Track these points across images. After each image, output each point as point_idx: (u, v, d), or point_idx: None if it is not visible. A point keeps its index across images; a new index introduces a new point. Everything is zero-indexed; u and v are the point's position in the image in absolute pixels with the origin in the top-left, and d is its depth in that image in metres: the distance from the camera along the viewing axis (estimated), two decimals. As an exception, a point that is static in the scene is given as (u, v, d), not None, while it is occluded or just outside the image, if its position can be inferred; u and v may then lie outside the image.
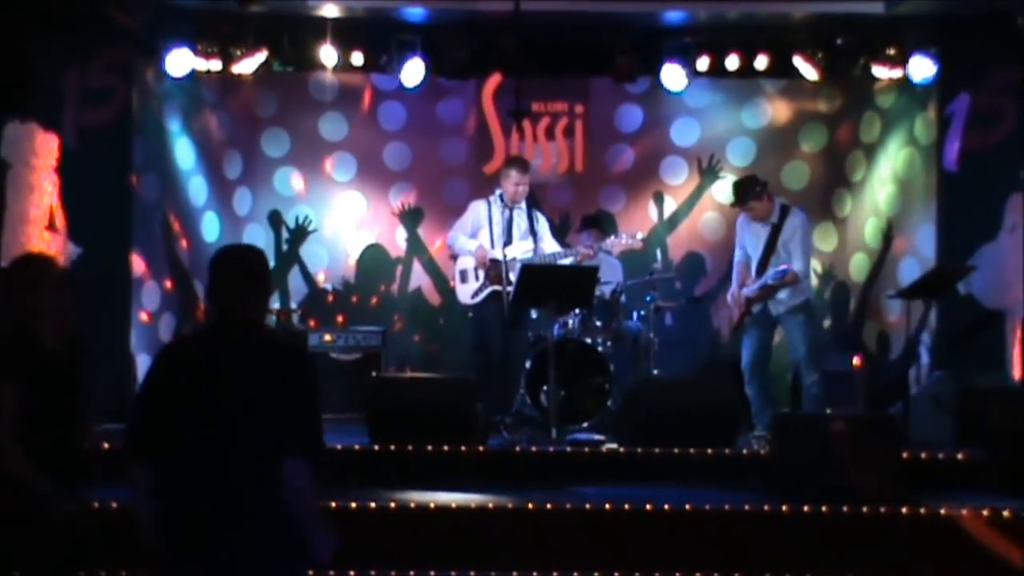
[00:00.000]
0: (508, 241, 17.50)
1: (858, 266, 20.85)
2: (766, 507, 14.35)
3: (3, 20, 14.93)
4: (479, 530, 14.06)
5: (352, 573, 13.30)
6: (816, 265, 19.47)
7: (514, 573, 13.59)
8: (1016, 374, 17.90)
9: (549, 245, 17.82)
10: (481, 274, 17.66)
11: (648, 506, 14.24)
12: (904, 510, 14.27)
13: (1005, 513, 14.14)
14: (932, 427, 17.12)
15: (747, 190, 17.38)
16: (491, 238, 17.63)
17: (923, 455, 16.08)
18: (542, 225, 18.02)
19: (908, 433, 16.65)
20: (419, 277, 20.57)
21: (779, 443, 15.45)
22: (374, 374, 17.88)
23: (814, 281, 18.35)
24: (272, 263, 19.18)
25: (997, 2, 17.33)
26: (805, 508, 14.23)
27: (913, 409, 17.47)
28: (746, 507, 14.36)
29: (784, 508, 14.31)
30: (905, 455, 15.59)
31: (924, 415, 17.39)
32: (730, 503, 14.43)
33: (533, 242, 17.71)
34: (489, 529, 14.09)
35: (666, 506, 14.25)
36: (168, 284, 18.75)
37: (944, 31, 18.79)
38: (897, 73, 19.49)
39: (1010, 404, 16.69)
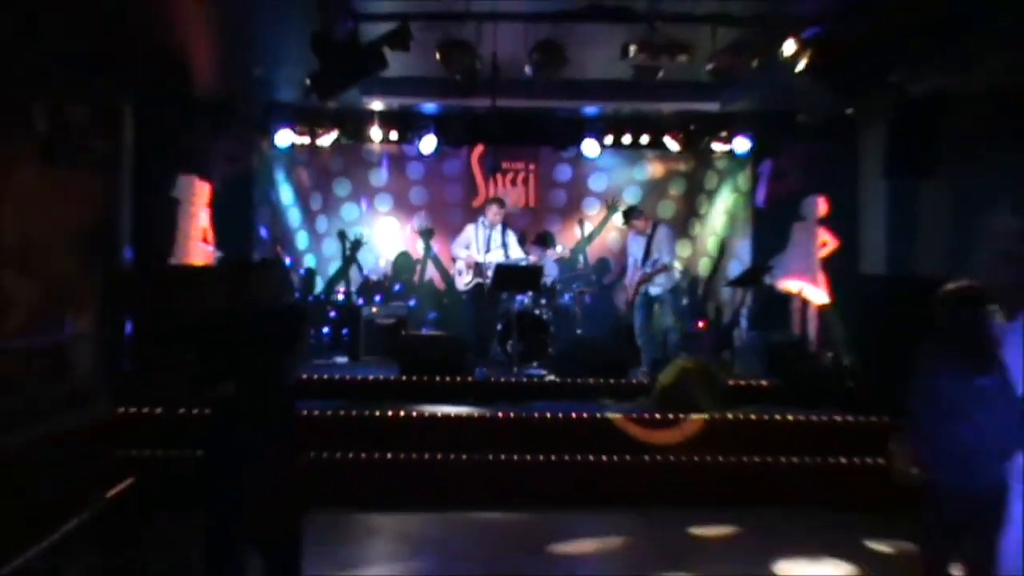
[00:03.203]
0: (488, 250, 18.11)
1: (704, 266, 21.01)
2: (646, 415, 14.50)
3: (179, 117, 15.41)
4: (468, 429, 14.31)
5: (389, 455, 13.60)
6: (678, 265, 19.03)
7: (489, 455, 13.80)
8: (796, 332, 18.48)
9: (514, 253, 18.21)
10: (471, 271, 18.28)
11: (573, 415, 14.53)
12: (730, 416, 14.57)
13: (790, 417, 14.51)
14: (748, 366, 17.33)
15: (630, 214, 18.06)
16: (477, 248, 18.19)
17: (742, 383, 16.29)
18: (510, 239, 18.33)
19: (733, 370, 17.18)
20: (431, 272, 20.68)
21: (654, 376, 15.79)
22: (402, 332, 18.06)
23: (677, 275, 18.74)
24: (339, 263, 19.74)
25: (787, 103, 17.68)
26: (670, 416, 14.43)
27: (737, 355, 18.12)
28: (634, 415, 14.49)
29: (658, 416, 14.50)
30: (732, 383, 15.93)
31: (744, 359, 17.83)
32: (625, 412, 14.64)
33: (504, 251, 18.13)
34: (474, 429, 14.32)
35: (585, 415, 14.54)
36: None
37: (756, 122, 19.06)
38: (727, 147, 19.78)
39: (794, 350, 17.36)
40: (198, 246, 16.73)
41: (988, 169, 14.80)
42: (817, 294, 17.90)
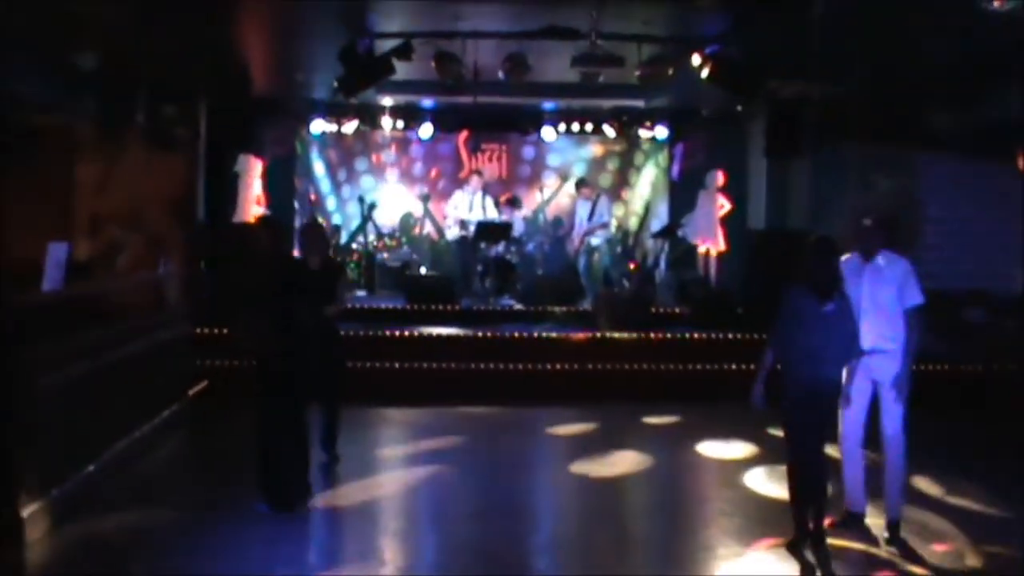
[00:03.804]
0: (470, 211, 18.16)
1: (634, 223, 20.81)
2: (595, 334, 14.84)
3: (239, 109, 15.63)
4: (456, 345, 14.51)
5: (397, 364, 13.82)
6: (615, 222, 19.47)
7: (471, 364, 14.05)
8: (701, 272, 18.65)
9: (490, 213, 18.23)
10: (458, 227, 18.37)
11: (535, 334, 14.81)
12: (652, 335, 14.82)
13: (696, 336, 14.83)
14: (666, 298, 17.44)
15: (580, 184, 18.38)
16: (463, 209, 18.32)
17: (662, 310, 16.43)
18: (488, 203, 18.37)
19: (655, 299, 16.91)
20: (428, 228, 20.40)
21: (598, 305, 16.04)
22: (407, 273, 18.15)
23: (613, 229, 18.95)
24: (359, 221, 19.79)
25: (695, 101, 17.64)
26: (608, 335, 14.74)
27: (658, 290, 17.80)
28: (582, 335, 14.78)
29: (599, 335, 14.82)
30: (653, 310, 16.13)
31: (663, 293, 17.80)
32: (575, 333, 14.89)
33: (483, 211, 18.19)
34: (461, 346, 14.52)
35: (544, 334, 14.82)
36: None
37: (672, 114, 19.05)
38: (651, 133, 19.82)
39: (699, 287, 17.56)
40: (253, 208, 17.03)
41: (836, 152, 15.16)
42: (717, 244, 18.25)
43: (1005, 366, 13.39)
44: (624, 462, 10.86)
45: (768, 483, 9.91)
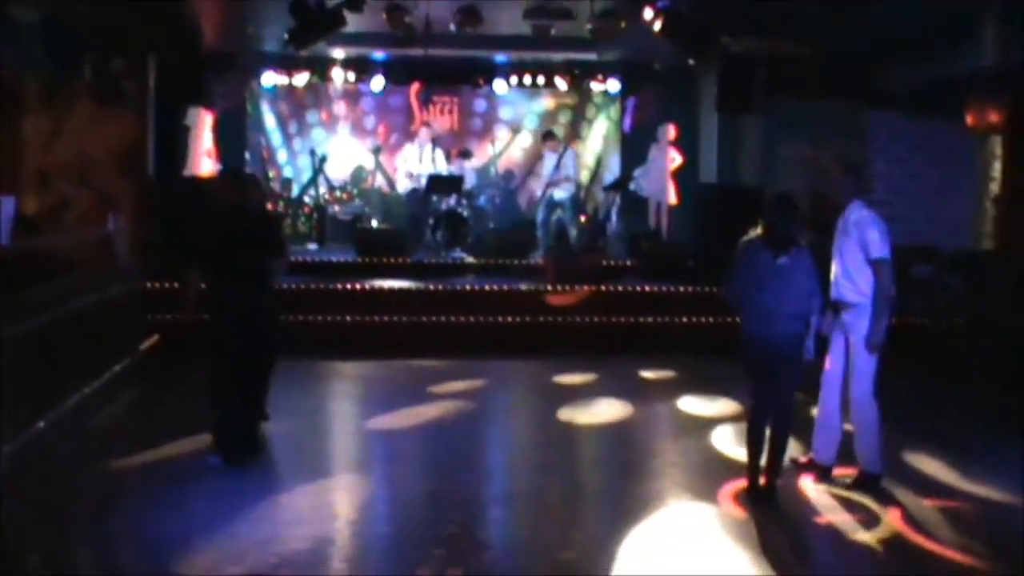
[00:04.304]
0: (421, 163, 18.17)
1: (585, 176, 20.58)
2: (541, 287, 14.88)
3: (188, 63, 15.44)
4: (407, 300, 14.51)
5: (348, 317, 13.83)
6: (583, 178, 19.51)
7: (422, 317, 14.14)
8: (652, 225, 18.83)
9: (441, 165, 18.27)
10: (409, 180, 18.40)
11: (486, 287, 14.85)
12: (603, 288, 14.90)
13: (647, 288, 14.87)
14: (617, 251, 17.52)
15: (547, 136, 18.16)
16: (414, 162, 18.31)
17: (613, 263, 16.57)
18: (438, 155, 18.35)
19: (608, 252, 17.23)
20: (379, 181, 20.42)
21: (550, 257, 16.06)
22: (358, 225, 18.00)
23: (574, 186, 18.85)
24: (311, 174, 19.69)
25: (647, 55, 17.78)
26: (557, 287, 14.77)
27: (609, 242, 18.14)
28: (530, 287, 14.89)
29: (548, 287, 14.86)
30: (605, 263, 16.29)
31: (614, 245, 17.98)
32: (526, 285, 14.99)
33: (433, 165, 18.17)
34: (412, 298, 14.53)
35: (495, 287, 14.84)
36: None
37: (624, 68, 19.33)
38: (603, 87, 20.06)
39: (649, 240, 17.62)
40: (204, 161, 16.93)
41: (785, 108, 15.22)
42: (668, 197, 18.27)
43: (952, 322, 13.57)
44: (580, 415, 10.93)
45: (719, 438, 9.97)
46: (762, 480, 7.95)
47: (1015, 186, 14.67)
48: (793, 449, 8.59)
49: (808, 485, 8.40)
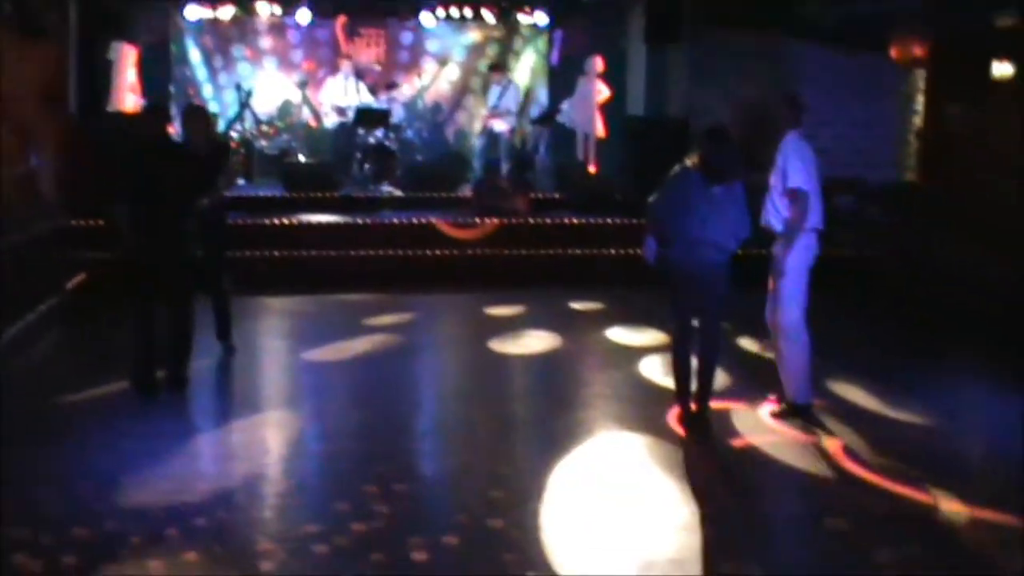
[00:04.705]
0: (346, 96, 18.18)
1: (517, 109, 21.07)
2: (473, 219, 14.91)
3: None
4: (336, 234, 14.44)
5: (277, 253, 13.78)
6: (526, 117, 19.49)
7: (351, 251, 14.08)
8: (580, 158, 18.74)
9: (366, 98, 18.27)
10: (336, 114, 18.34)
11: (415, 220, 14.76)
12: (531, 220, 14.98)
13: (575, 221, 14.92)
14: (546, 184, 17.32)
15: (493, 67, 18.29)
16: (340, 96, 18.32)
17: (542, 195, 16.55)
18: (362, 88, 18.39)
19: (536, 185, 17.05)
20: (306, 114, 19.80)
21: (478, 190, 16.07)
22: (286, 160, 17.73)
23: (515, 120, 18.81)
24: (237, 109, 19.42)
25: None
26: (487, 219, 14.81)
27: (537, 175, 17.73)
28: (460, 219, 14.89)
29: (477, 220, 14.86)
30: (533, 195, 16.16)
31: (542, 178, 17.66)
32: (455, 218, 14.94)
33: (358, 97, 18.17)
34: (341, 233, 14.46)
35: (424, 220, 14.75)
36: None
37: (553, 0, 19.37)
38: (530, 19, 19.94)
39: (577, 171, 17.65)
40: (128, 97, 16.67)
41: (712, 40, 15.25)
42: (595, 130, 18.24)
43: (876, 252, 13.75)
44: (509, 346, 11.00)
45: (648, 368, 10.07)
46: (693, 406, 8.07)
47: (937, 120, 14.86)
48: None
49: (741, 414, 8.52)
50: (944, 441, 8.13)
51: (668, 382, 8.62)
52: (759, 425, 8.32)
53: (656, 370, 9.86)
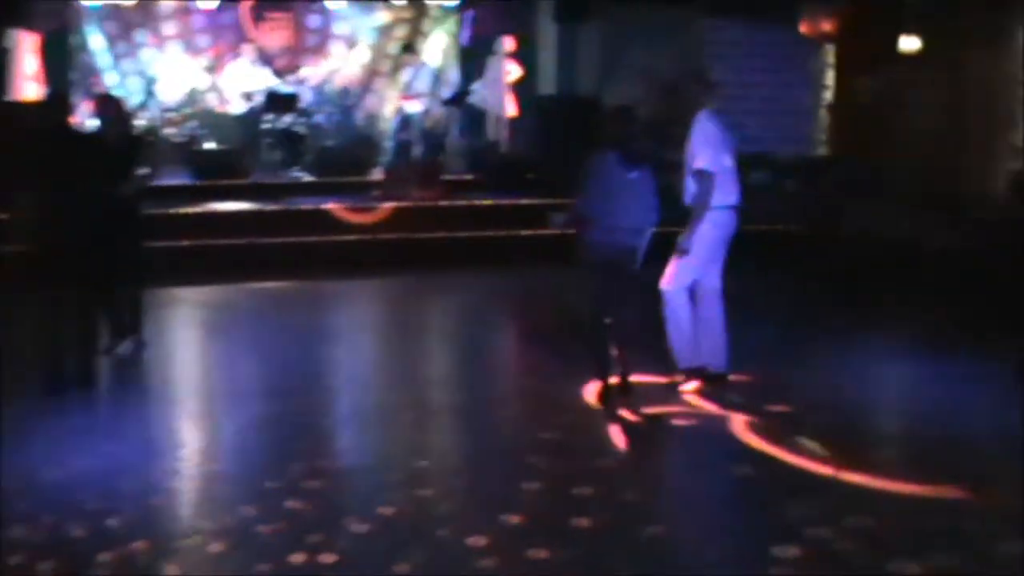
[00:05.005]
0: (252, 82, 18.05)
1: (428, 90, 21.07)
2: (382, 205, 14.95)
3: None
4: (247, 221, 14.41)
5: (187, 242, 13.55)
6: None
7: (270, 239, 13.97)
8: (491, 138, 18.71)
9: (274, 82, 18.20)
10: (243, 99, 18.14)
11: (323, 206, 14.78)
12: (444, 203, 15.11)
13: (488, 202, 15.10)
14: (458, 165, 17.53)
15: (406, 49, 18.28)
16: (247, 81, 18.16)
17: (454, 177, 16.63)
18: (267, 73, 18.34)
19: (448, 166, 17.15)
20: (213, 100, 19.38)
21: (390, 173, 16.02)
22: (193, 147, 17.51)
23: (428, 102, 18.72)
24: (143, 97, 19.12)
25: None
26: (387, 203, 14.90)
27: (447, 155, 17.85)
28: (358, 204, 15.03)
29: (388, 205, 14.91)
30: (446, 177, 16.26)
31: (455, 159, 17.80)
32: (363, 202, 15.05)
33: (264, 82, 18.09)
34: (252, 221, 14.44)
35: (332, 204, 14.80)
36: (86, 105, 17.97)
37: None
38: (439, 2, 20.11)
39: (490, 153, 17.75)
40: (29, 85, 16.32)
41: (623, 17, 15.27)
42: (507, 110, 18.16)
43: (788, 226, 13.86)
44: (425, 330, 11.10)
45: (564, 345, 10.04)
46: (614, 380, 8.16)
47: (847, 93, 15.00)
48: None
49: (655, 388, 8.54)
50: (852, 409, 8.20)
51: (584, 360, 8.64)
52: (675, 398, 8.41)
53: (571, 346, 9.79)
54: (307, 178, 16.62)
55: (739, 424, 7.72)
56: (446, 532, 5.77)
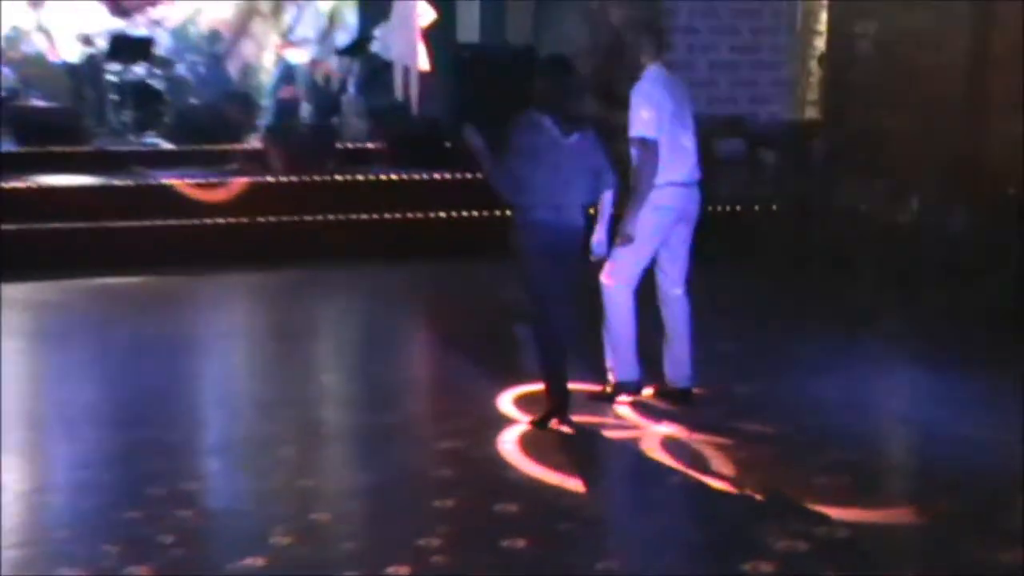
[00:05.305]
0: (93, 21, 18.12)
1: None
2: (261, 180, 14.90)
3: None
4: (88, 200, 14.22)
5: (12, 226, 13.29)
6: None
7: (118, 223, 13.81)
8: (398, 97, 18.81)
9: (119, 22, 18.43)
10: (81, 43, 18.26)
11: (184, 181, 14.64)
12: (338, 178, 15.12)
13: (394, 177, 15.12)
14: (355, 131, 17.51)
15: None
16: (85, 21, 18.18)
17: (351, 145, 16.73)
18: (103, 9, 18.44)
19: (341, 133, 17.14)
20: (41, 43, 19.03)
21: (268, 142, 15.97)
22: (16, 104, 17.25)
23: (315, 50, 18.74)
24: None
25: None
26: (284, 178, 14.92)
27: (346, 118, 17.92)
28: (249, 181, 14.82)
29: (268, 180, 14.92)
30: (340, 146, 16.35)
31: (351, 124, 17.80)
32: (237, 177, 14.87)
33: (106, 22, 18.24)
34: (94, 200, 14.24)
35: (196, 180, 14.70)
36: None
37: None
38: None
39: (397, 116, 17.81)
40: None
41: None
42: (418, 61, 18.21)
43: (766, 206, 14.01)
44: (312, 339, 11.23)
45: (488, 354, 10.15)
46: (552, 402, 8.25)
47: (845, 41, 15.04)
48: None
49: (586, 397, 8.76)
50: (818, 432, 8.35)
51: (506, 367, 8.98)
52: (600, 410, 8.64)
53: (491, 357, 9.96)
54: (165, 146, 16.52)
55: (661, 442, 8.00)
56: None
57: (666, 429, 8.30)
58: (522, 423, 8.34)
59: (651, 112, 8.26)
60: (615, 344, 8.65)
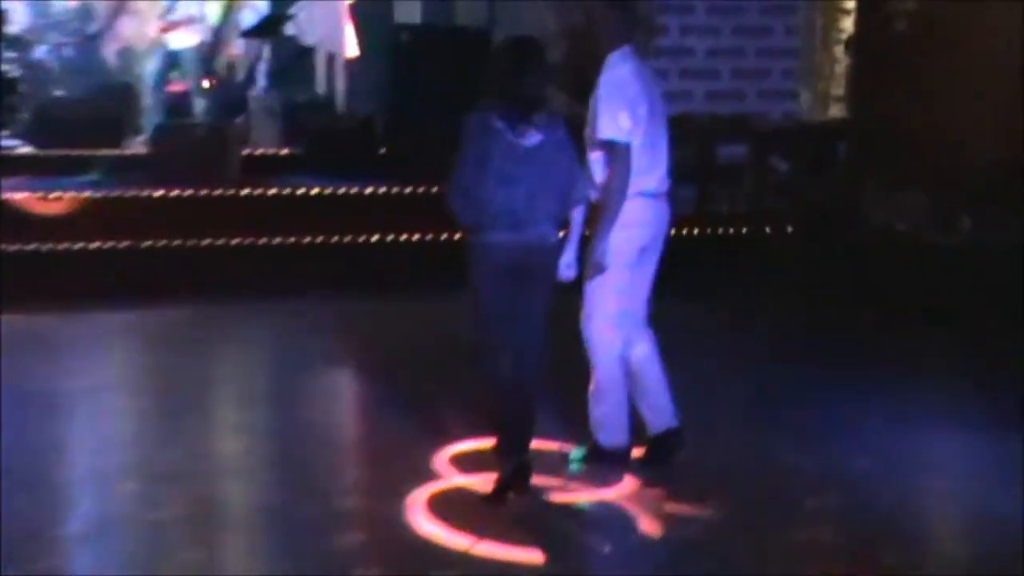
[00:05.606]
0: None
1: (213, 13, 19.72)
2: (143, 193, 14.80)
3: None
4: None
5: None
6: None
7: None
8: (320, 90, 18.88)
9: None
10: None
11: (46, 194, 14.57)
12: (242, 191, 15.06)
13: (315, 190, 15.04)
14: (266, 132, 17.65)
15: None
16: None
17: (258, 152, 16.79)
18: None
19: (249, 135, 17.34)
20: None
21: (159, 144, 15.94)
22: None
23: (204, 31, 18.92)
24: None
25: None
26: (174, 192, 14.79)
27: (253, 119, 18.07)
28: (131, 194, 14.86)
29: (154, 193, 14.80)
30: (247, 151, 16.31)
31: (261, 123, 17.94)
32: (112, 189, 14.89)
33: None
34: None
35: (58, 192, 14.57)
36: None
37: None
38: None
39: (319, 114, 17.92)
40: None
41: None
42: (345, 46, 18.33)
43: (776, 224, 14.11)
44: (224, 393, 11.43)
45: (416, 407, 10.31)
46: (504, 467, 8.26)
47: (878, 20, 15.15)
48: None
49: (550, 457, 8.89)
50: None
51: (440, 424, 9.20)
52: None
53: (431, 411, 10.13)
54: (23, 148, 16.62)
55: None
56: None
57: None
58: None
59: (624, 110, 8.32)
60: (599, 398, 8.72)
